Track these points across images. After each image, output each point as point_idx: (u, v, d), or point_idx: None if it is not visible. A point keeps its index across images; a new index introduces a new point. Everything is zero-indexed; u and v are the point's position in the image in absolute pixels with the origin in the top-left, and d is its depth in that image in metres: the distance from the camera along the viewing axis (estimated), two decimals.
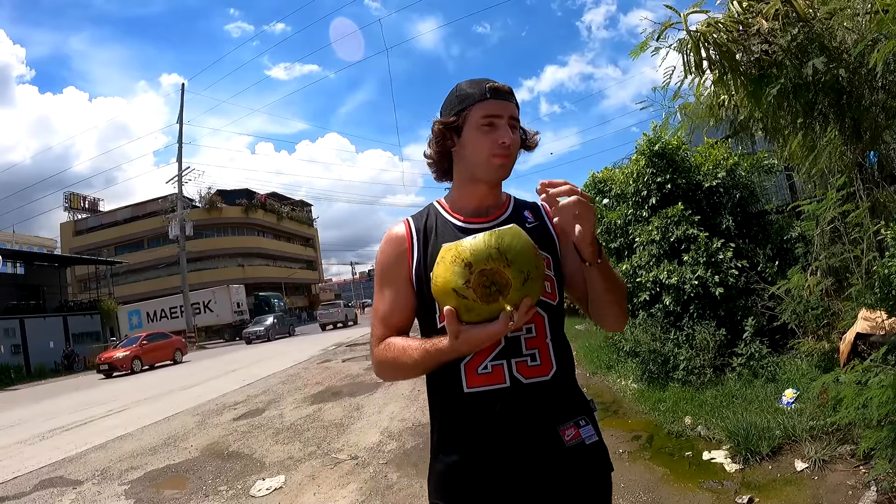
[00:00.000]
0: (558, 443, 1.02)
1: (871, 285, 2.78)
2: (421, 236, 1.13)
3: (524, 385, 1.02)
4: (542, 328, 1.05)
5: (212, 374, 12.31)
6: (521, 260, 0.88)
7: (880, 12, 1.83)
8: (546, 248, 1.10)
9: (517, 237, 0.91)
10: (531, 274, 0.89)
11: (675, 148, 5.36)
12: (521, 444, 1.01)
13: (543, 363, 1.04)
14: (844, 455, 2.78)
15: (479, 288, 0.88)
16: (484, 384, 1.02)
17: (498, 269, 0.88)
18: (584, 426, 1.06)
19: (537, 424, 1.02)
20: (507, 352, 1.03)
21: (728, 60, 2.06)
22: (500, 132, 1.06)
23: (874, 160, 2.77)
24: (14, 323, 21.88)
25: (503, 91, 1.09)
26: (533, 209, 1.18)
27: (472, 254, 0.88)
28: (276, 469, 4.20)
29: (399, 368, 1.07)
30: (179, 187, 28.05)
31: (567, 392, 1.08)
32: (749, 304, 4.69)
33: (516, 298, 0.89)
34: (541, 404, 1.03)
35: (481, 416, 1.02)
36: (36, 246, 39.46)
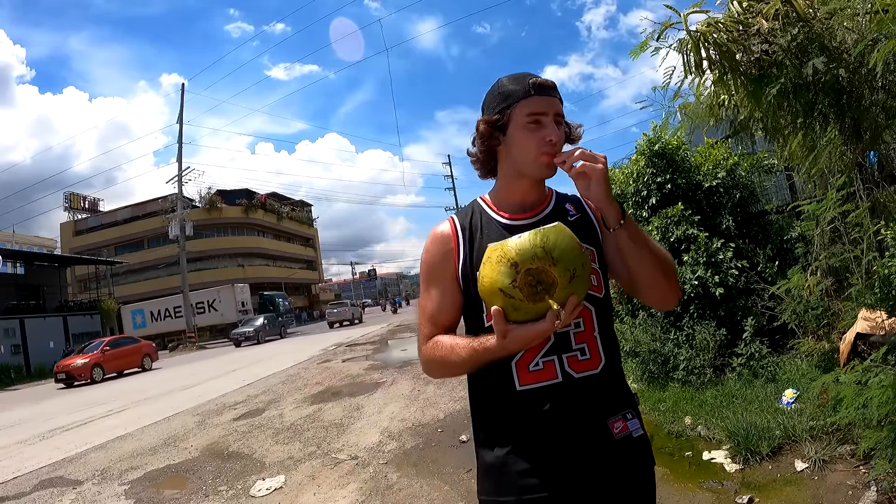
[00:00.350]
0: (608, 436, 1.03)
1: (871, 285, 2.78)
2: (466, 234, 1.13)
3: (575, 379, 1.04)
4: (589, 322, 1.06)
5: (212, 374, 12.30)
6: (566, 258, 0.89)
7: (880, 12, 1.83)
8: (589, 240, 1.10)
9: (562, 235, 0.92)
10: (577, 271, 0.90)
11: (675, 148, 5.35)
12: (572, 437, 1.02)
13: (593, 357, 1.06)
14: (844, 455, 2.78)
15: (525, 287, 0.90)
16: (536, 381, 1.04)
17: (544, 267, 0.89)
18: (630, 419, 1.07)
19: (588, 418, 1.04)
20: (557, 347, 1.04)
21: (728, 60, 2.06)
22: (546, 130, 1.06)
23: (874, 160, 2.77)
24: (14, 323, 21.88)
25: (547, 87, 1.08)
26: (574, 201, 1.18)
27: (518, 253, 0.89)
28: (276, 469, 4.20)
29: (447, 366, 1.09)
30: (179, 187, 28.05)
31: (615, 385, 1.09)
32: (749, 304, 4.69)
33: (563, 296, 0.90)
34: (591, 398, 1.04)
35: (534, 412, 1.03)
36: (36, 246, 39.45)
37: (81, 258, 30.74)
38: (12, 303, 22.70)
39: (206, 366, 15.19)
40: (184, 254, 27.74)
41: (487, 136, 1.11)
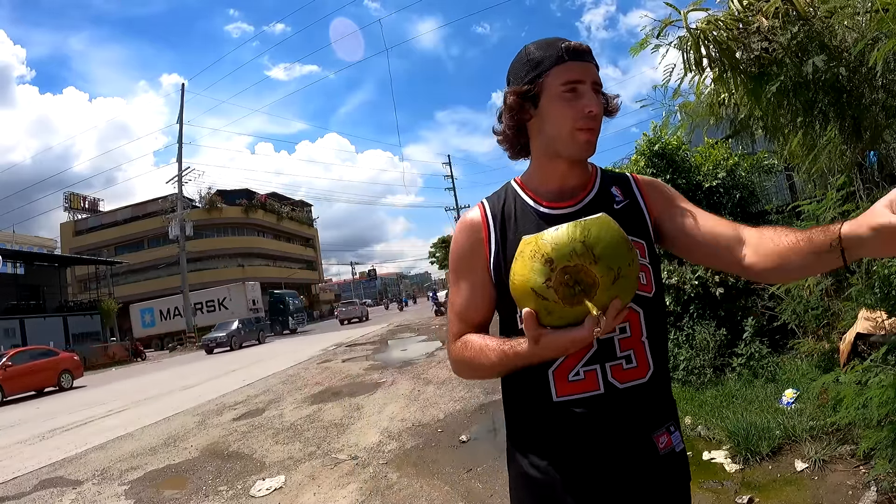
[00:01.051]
0: (652, 451, 0.95)
1: (871, 285, 2.78)
2: (498, 223, 1.01)
3: (620, 390, 0.93)
4: (637, 326, 0.95)
5: (212, 374, 12.30)
6: (610, 255, 0.77)
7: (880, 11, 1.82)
8: (638, 231, 0.98)
9: (606, 228, 0.79)
10: (622, 271, 0.77)
11: (675, 148, 5.35)
12: (614, 453, 0.93)
13: (640, 364, 0.95)
14: (844, 455, 2.78)
15: (561, 288, 0.78)
16: (576, 392, 0.93)
17: (583, 266, 0.77)
18: (674, 432, 0.98)
19: (632, 432, 0.94)
20: (600, 355, 0.93)
21: (728, 58, 2.06)
22: (584, 100, 0.93)
23: (874, 160, 2.77)
24: (14, 323, 21.90)
25: (582, 51, 0.95)
26: (622, 183, 1.04)
27: (554, 248, 0.78)
28: (276, 469, 4.20)
29: (476, 369, 0.99)
30: (179, 187, 28.07)
31: (662, 394, 0.99)
32: (749, 304, 4.69)
33: (604, 300, 0.77)
34: (636, 410, 0.95)
35: (572, 425, 0.94)
36: (36, 246, 39.43)
37: (81, 258, 30.76)
38: (12, 303, 22.72)
39: (206, 366, 15.19)
40: (184, 254, 27.76)
41: (517, 110, 0.98)
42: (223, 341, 21.28)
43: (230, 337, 21.52)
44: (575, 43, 0.95)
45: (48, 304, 25.02)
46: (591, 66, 0.96)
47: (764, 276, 0.92)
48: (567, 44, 0.95)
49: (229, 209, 42.03)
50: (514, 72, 1.00)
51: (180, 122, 27.75)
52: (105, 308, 26.59)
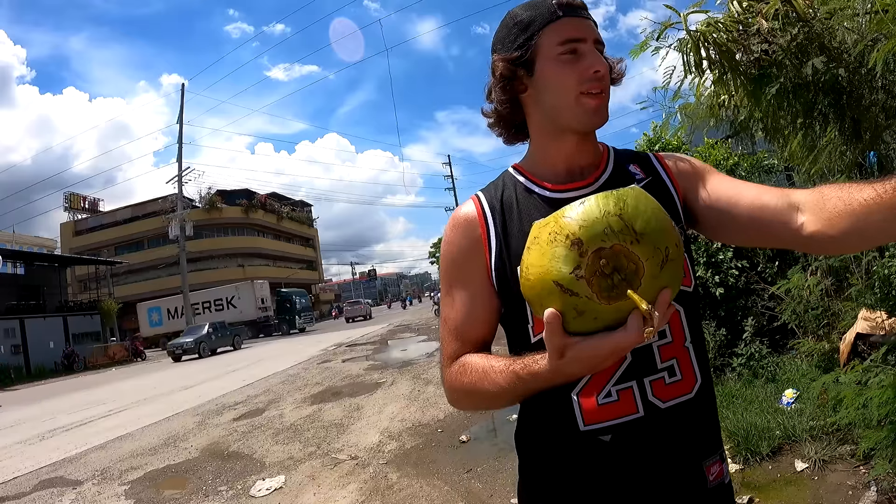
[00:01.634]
0: (701, 484, 0.77)
1: (871, 285, 2.78)
2: (497, 216, 0.83)
3: (662, 411, 0.75)
4: (678, 328, 0.77)
5: (212, 374, 12.31)
6: (655, 231, 0.58)
7: (880, 12, 1.83)
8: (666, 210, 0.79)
9: (644, 200, 0.60)
10: (671, 252, 0.59)
11: (675, 148, 5.36)
12: (658, 490, 0.75)
13: (686, 376, 0.77)
14: (844, 455, 2.78)
15: (596, 278, 0.58)
16: (609, 418, 0.75)
17: (623, 247, 0.57)
18: (725, 460, 0.82)
19: (679, 461, 0.76)
20: (636, 369, 0.75)
21: (728, 60, 2.06)
22: (588, 59, 0.77)
23: (874, 160, 2.77)
24: (14, 323, 21.91)
25: (578, 6, 0.80)
26: (642, 160, 0.88)
27: (583, 227, 0.58)
28: (276, 469, 4.20)
29: (480, 397, 0.79)
30: (179, 187, 28.08)
31: (711, 413, 0.82)
32: (749, 305, 4.69)
33: (652, 291, 0.58)
34: (683, 434, 0.76)
35: (607, 459, 0.75)
36: (36, 246, 39.42)
37: (81, 258, 30.76)
38: (12, 303, 22.72)
39: (206, 366, 15.19)
40: (184, 254, 27.77)
41: (509, 80, 0.82)
42: (190, 348, 18.94)
43: (198, 343, 19.10)
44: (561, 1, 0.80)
45: (48, 304, 25.01)
46: (589, 22, 0.81)
47: (835, 245, 0.73)
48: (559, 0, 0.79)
49: (229, 209, 42.03)
50: (501, 39, 0.84)
51: (180, 123, 27.77)
52: (105, 308, 26.58)
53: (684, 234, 0.80)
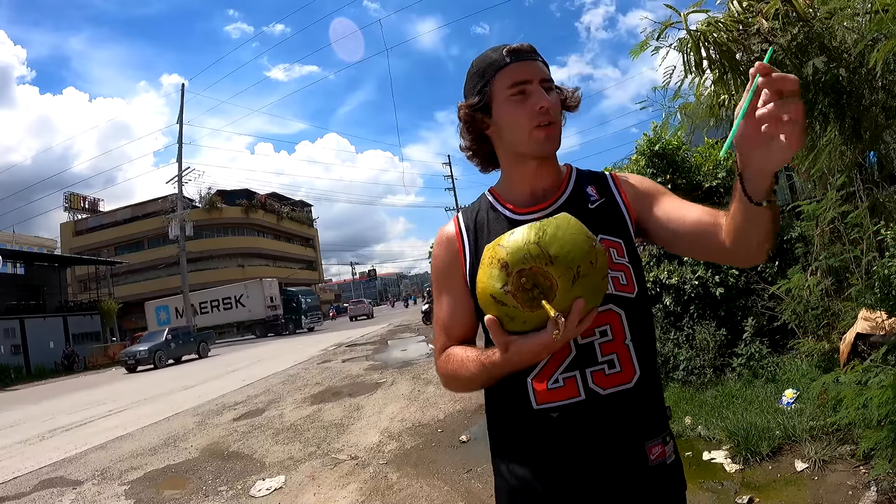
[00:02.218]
0: (643, 462, 0.90)
1: (871, 285, 2.78)
2: (471, 234, 1.01)
3: (603, 397, 0.89)
4: (619, 328, 0.91)
5: (212, 374, 12.31)
6: (567, 254, 0.74)
7: (880, 12, 1.82)
8: (615, 230, 0.95)
9: (564, 227, 0.76)
10: (582, 270, 0.74)
11: (675, 148, 5.35)
12: (600, 464, 0.89)
13: (625, 369, 0.90)
14: (844, 455, 2.78)
15: (519, 293, 0.75)
16: (556, 399, 0.90)
17: (539, 268, 0.74)
18: (668, 443, 0.94)
19: (620, 441, 0.90)
20: (579, 361, 0.90)
21: (728, 60, 2.06)
22: (534, 97, 0.91)
23: (874, 160, 2.77)
24: (14, 323, 21.92)
25: (524, 51, 0.94)
26: (598, 182, 1.01)
27: (509, 252, 0.75)
28: (276, 469, 4.20)
29: (460, 381, 0.97)
30: (179, 187, 28.07)
31: (653, 401, 0.94)
32: (749, 305, 4.69)
33: (565, 302, 0.74)
34: (623, 418, 0.90)
35: (555, 434, 0.91)
36: (36, 246, 39.45)
37: (81, 258, 30.76)
38: (12, 303, 22.73)
39: (206, 366, 15.19)
40: (184, 254, 27.76)
41: (472, 122, 0.99)
42: (144, 357, 16.97)
43: (152, 353, 17.14)
44: (514, 46, 0.95)
45: (48, 304, 25.02)
46: (535, 63, 0.94)
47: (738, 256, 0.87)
48: (508, 47, 0.95)
49: (229, 209, 42.04)
50: (466, 85, 1.01)
51: (180, 123, 27.76)
52: (105, 308, 26.59)
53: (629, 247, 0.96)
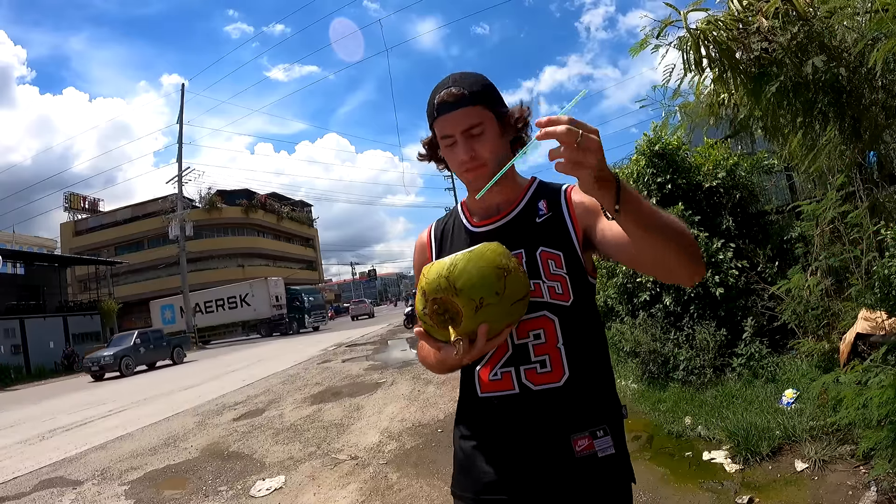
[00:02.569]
0: (568, 453, 0.99)
1: (871, 285, 2.78)
2: (437, 242, 1.15)
3: (534, 392, 1.01)
4: (552, 333, 1.01)
5: (212, 374, 12.31)
6: (471, 287, 0.86)
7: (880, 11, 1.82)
8: (558, 243, 1.03)
9: (476, 260, 0.88)
10: (485, 300, 0.86)
11: (674, 148, 5.35)
12: (529, 449, 1.00)
13: (554, 370, 1.00)
14: (844, 455, 2.77)
15: (434, 316, 0.89)
16: (495, 390, 1.04)
17: (447, 298, 0.87)
18: (600, 437, 1.00)
19: (547, 432, 1.00)
20: (515, 359, 1.02)
21: (728, 58, 2.06)
22: (456, 151, 1.02)
23: (874, 160, 2.77)
24: (14, 323, 21.90)
25: (447, 104, 1.01)
26: (552, 196, 1.09)
27: (427, 283, 0.89)
28: (276, 469, 4.20)
29: (430, 367, 1.12)
30: (179, 187, 28.08)
31: (586, 399, 1.02)
32: (749, 305, 4.68)
33: (470, 327, 0.87)
34: (552, 412, 1.00)
35: (493, 419, 1.04)
36: (36, 246, 39.43)
37: (81, 258, 30.74)
38: (12, 303, 22.71)
39: (206, 366, 15.19)
40: (184, 254, 27.76)
41: (428, 156, 1.13)
42: (109, 363, 15.61)
43: (118, 359, 15.69)
44: (441, 96, 1.01)
45: (48, 304, 25.01)
46: (458, 114, 1.00)
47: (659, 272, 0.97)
48: (439, 97, 1.01)
49: (229, 209, 42.04)
50: None
51: (180, 123, 27.77)
52: (105, 308, 26.58)
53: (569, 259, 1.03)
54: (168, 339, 18.80)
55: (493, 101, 1.04)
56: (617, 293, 5.79)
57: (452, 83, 1.02)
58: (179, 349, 18.82)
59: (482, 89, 1.03)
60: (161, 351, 17.98)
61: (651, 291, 5.13)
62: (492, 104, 1.04)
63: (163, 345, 18.18)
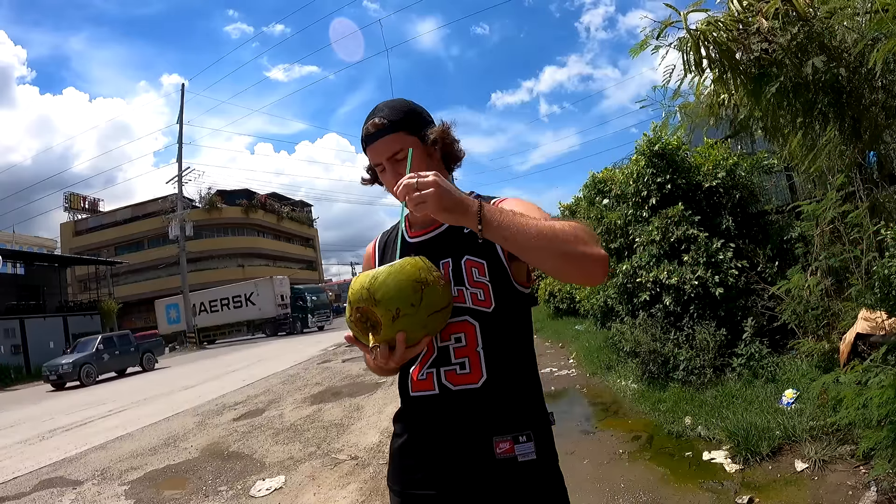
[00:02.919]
0: (489, 454, 1.03)
1: (871, 285, 2.78)
2: (380, 253, 1.23)
3: (453, 392, 1.06)
4: (472, 337, 1.06)
5: (212, 374, 12.31)
6: (389, 299, 0.92)
7: (880, 11, 1.82)
8: (481, 252, 1.08)
9: (395, 274, 0.94)
10: (402, 311, 0.93)
11: (674, 148, 5.35)
12: (451, 448, 1.05)
13: (473, 371, 1.05)
14: (844, 455, 2.78)
15: (358, 323, 0.97)
16: (421, 390, 1.09)
17: (368, 308, 0.94)
18: (522, 442, 1.04)
19: (468, 432, 1.05)
20: (437, 360, 1.08)
21: (728, 59, 2.06)
22: (386, 177, 1.11)
23: (873, 160, 2.77)
24: (14, 323, 21.90)
25: (371, 135, 1.09)
26: None
27: (353, 293, 0.96)
28: (276, 469, 4.20)
29: (372, 369, 1.17)
30: (179, 188, 28.08)
31: (507, 403, 1.06)
32: (749, 305, 4.68)
33: (388, 335, 0.94)
34: (472, 412, 1.05)
35: (422, 417, 1.10)
36: (36, 246, 39.43)
37: (81, 258, 30.74)
38: (12, 303, 22.70)
39: (206, 366, 15.18)
40: (184, 254, 27.76)
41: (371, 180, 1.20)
42: (67, 372, 14.16)
43: (77, 368, 14.26)
44: (366, 128, 1.10)
45: (48, 304, 25.00)
46: (381, 143, 1.09)
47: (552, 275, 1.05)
48: (365, 129, 1.10)
49: (229, 209, 42.03)
50: None
51: (180, 123, 27.77)
52: (105, 308, 26.58)
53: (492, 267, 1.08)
54: (137, 345, 17.12)
55: (414, 126, 1.10)
56: (617, 293, 5.79)
57: (377, 113, 1.10)
58: (150, 354, 17.22)
59: (403, 116, 1.10)
60: (128, 357, 16.46)
61: (651, 292, 5.13)
62: (414, 129, 1.10)
63: (130, 350, 16.62)
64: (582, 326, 9.03)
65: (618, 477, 3.14)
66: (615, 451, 3.56)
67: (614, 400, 4.96)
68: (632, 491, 2.93)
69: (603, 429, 4.08)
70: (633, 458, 3.42)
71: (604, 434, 3.94)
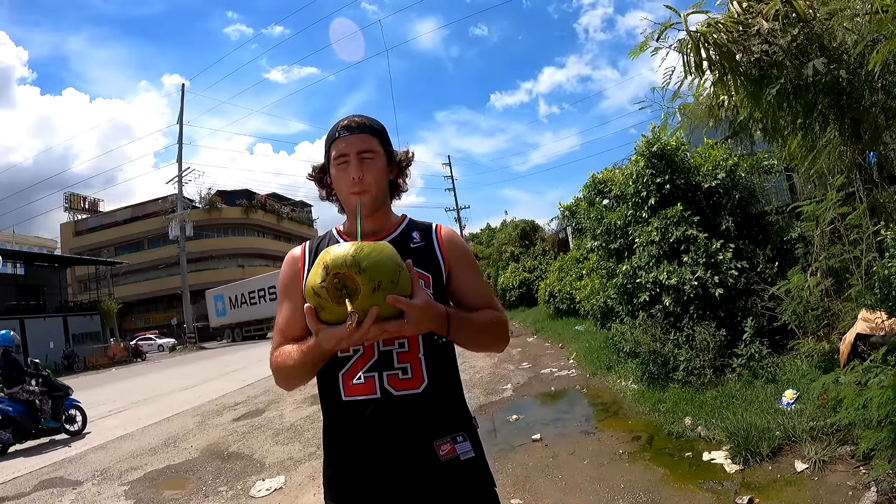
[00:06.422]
0: (433, 457, 1.06)
1: (871, 286, 2.78)
2: (312, 256, 1.23)
3: (395, 397, 1.07)
4: (414, 343, 1.09)
5: (212, 374, 12.30)
6: (374, 270, 0.93)
7: (880, 12, 1.83)
8: (428, 267, 1.15)
9: (380, 251, 0.96)
10: (383, 284, 0.93)
11: (674, 149, 5.36)
12: (394, 454, 1.06)
13: (415, 377, 1.08)
14: (844, 456, 2.78)
15: (332, 289, 0.94)
16: (358, 394, 1.08)
17: (350, 274, 0.93)
18: (460, 442, 1.09)
19: (410, 437, 1.06)
20: (379, 364, 1.08)
21: (728, 61, 2.06)
22: (349, 169, 1.13)
23: (873, 161, 2.77)
24: (14, 323, 21.83)
25: (352, 126, 1.15)
26: (424, 230, 1.23)
27: (332, 258, 0.95)
28: (276, 469, 4.20)
29: (286, 371, 1.13)
30: (179, 188, 28.08)
31: (444, 407, 1.11)
32: (749, 305, 4.69)
33: (365, 305, 0.92)
34: (413, 417, 1.07)
35: (358, 424, 1.08)
36: (36, 246, 39.38)
37: (81, 258, 30.71)
38: (12, 303, 22.70)
39: (206, 366, 15.18)
40: (184, 254, 27.76)
41: (317, 178, 1.24)
42: None
43: None
44: (345, 121, 1.16)
45: (48, 304, 24.99)
46: (358, 138, 1.14)
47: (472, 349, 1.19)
48: (341, 123, 1.16)
49: (229, 209, 42.03)
50: None
51: (180, 123, 27.79)
52: (105, 308, 26.56)
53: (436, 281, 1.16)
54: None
55: (387, 141, 1.19)
56: (617, 294, 5.79)
57: (356, 117, 1.17)
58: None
59: (382, 129, 1.19)
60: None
61: (651, 292, 5.14)
62: (386, 143, 1.19)
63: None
64: (582, 327, 9.03)
65: (618, 477, 3.15)
66: (615, 452, 3.56)
67: (614, 400, 4.96)
68: (632, 491, 2.94)
69: (603, 429, 4.08)
70: (634, 459, 3.43)
71: (604, 434, 3.94)
